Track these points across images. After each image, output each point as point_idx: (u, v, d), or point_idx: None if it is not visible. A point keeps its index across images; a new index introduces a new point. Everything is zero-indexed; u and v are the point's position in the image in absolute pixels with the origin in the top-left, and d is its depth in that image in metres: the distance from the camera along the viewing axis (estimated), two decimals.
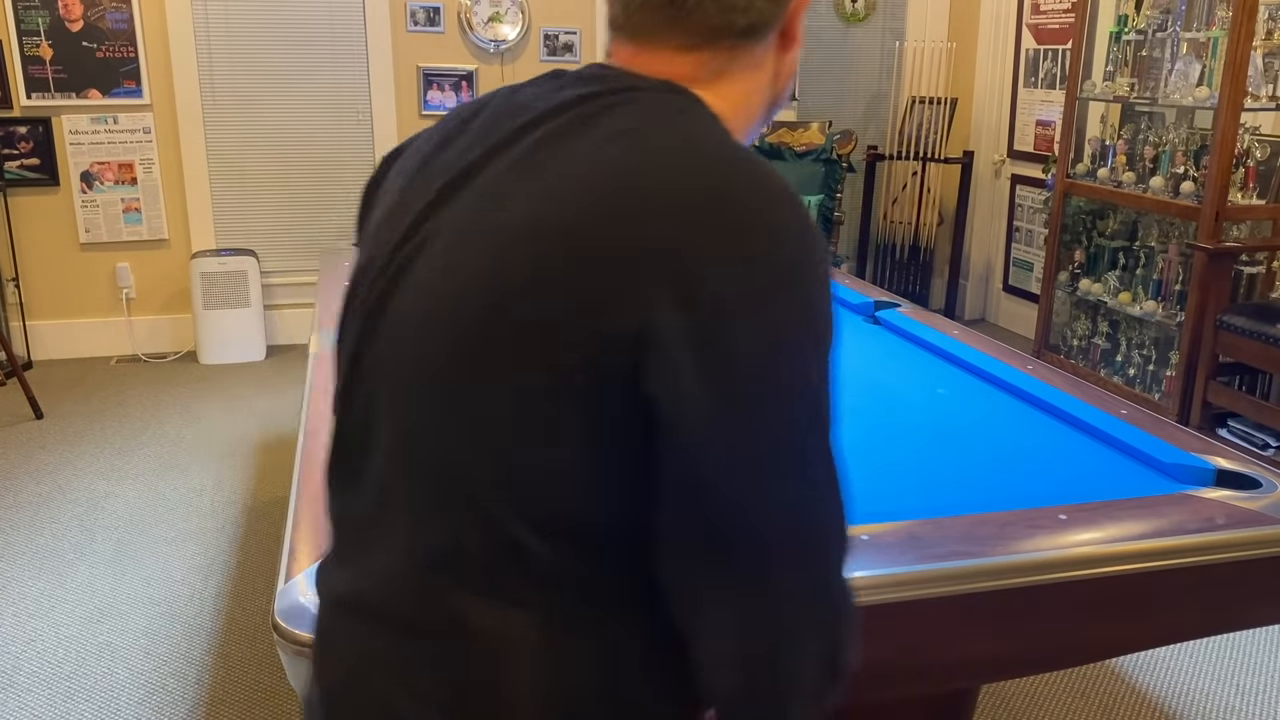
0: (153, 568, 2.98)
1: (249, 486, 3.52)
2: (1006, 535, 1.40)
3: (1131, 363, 4.17)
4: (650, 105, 0.81)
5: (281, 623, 1.20)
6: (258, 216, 5.01)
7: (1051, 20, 4.85)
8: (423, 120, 5.01)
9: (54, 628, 2.68)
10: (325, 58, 4.90)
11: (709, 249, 0.72)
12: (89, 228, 4.81)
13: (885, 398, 2.09)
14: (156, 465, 3.69)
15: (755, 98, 0.89)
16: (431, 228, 0.83)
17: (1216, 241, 3.57)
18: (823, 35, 5.46)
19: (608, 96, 0.81)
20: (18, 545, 3.11)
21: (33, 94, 4.60)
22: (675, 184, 0.74)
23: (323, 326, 2.49)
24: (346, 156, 5.03)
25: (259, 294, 4.88)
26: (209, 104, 4.82)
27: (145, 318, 4.99)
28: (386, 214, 0.90)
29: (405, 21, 4.91)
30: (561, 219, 0.75)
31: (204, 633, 2.66)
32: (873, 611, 1.33)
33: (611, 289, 0.72)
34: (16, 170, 4.65)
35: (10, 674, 2.48)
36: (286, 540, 1.41)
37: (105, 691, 2.42)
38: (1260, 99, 3.63)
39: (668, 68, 0.84)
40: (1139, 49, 4.04)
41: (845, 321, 2.70)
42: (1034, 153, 5.02)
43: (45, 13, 4.53)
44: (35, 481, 3.55)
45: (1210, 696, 2.42)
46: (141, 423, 4.10)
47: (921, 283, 5.42)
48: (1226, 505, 1.50)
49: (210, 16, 4.73)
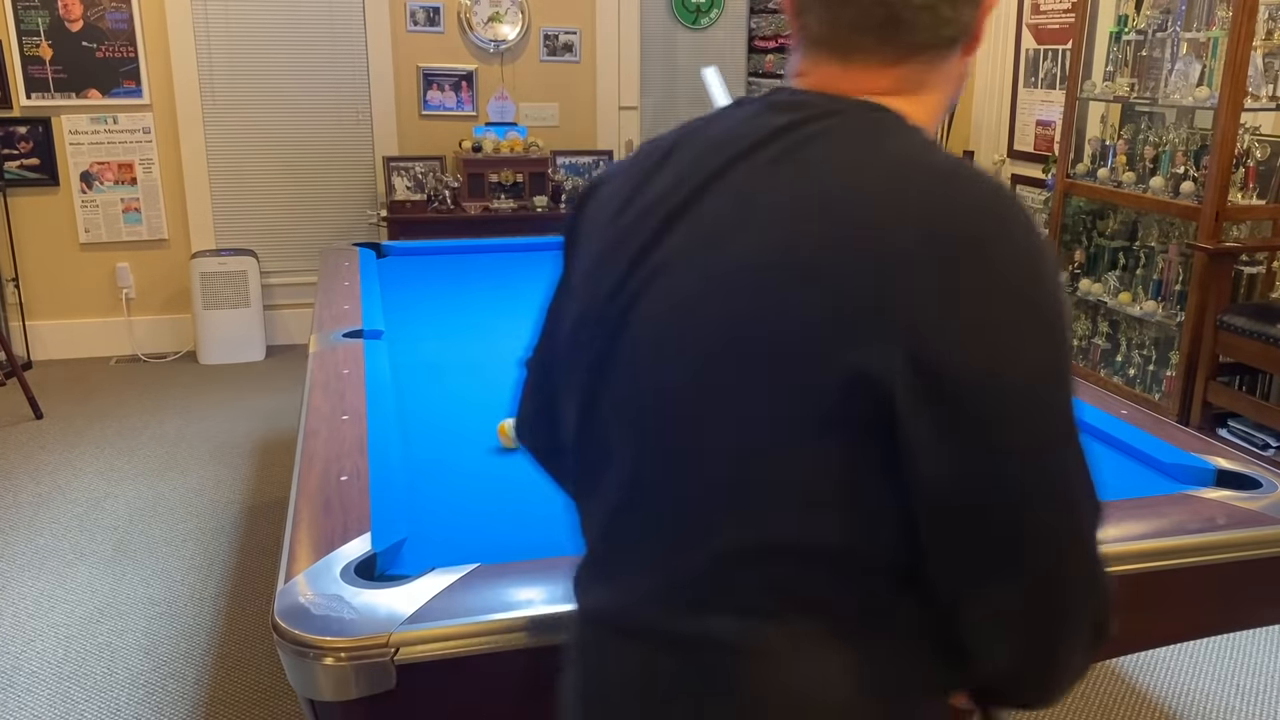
0: (152, 568, 2.98)
1: (249, 486, 3.52)
2: None
3: (1131, 363, 4.16)
4: (859, 127, 0.81)
5: (281, 623, 1.20)
6: (258, 216, 5.01)
7: (1051, 20, 4.85)
8: (423, 120, 5.01)
9: (54, 628, 2.68)
10: (325, 58, 4.90)
11: (954, 271, 0.73)
12: (89, 228, 4.81)
13: None
14: (156, 465, 3.69)
15: (944, 104, 0.90)
16: (656, 263, 0.85)
17: (1216, 241, 3.57)
18: None
19: (814, 123, 0.82)
20: (17, 545, 3.11)
21: (32, 94, 4.60)
22: (905, 208, 0.75)
23: (322, 327, 2.49)
24: (346, 156, 5.03)
25: (259, 294, 4.88)
26: (209, 104, 4.82)
27: (145, 318, 4.99)
28: (597, 258, 0.92)
29: (405, 21, 4.91)
30: (793, 248, 0.76)
31: (204, 633, 2.66)
32: None
33: (853, 317, 0.73)
34: (16, 170, 4.65)
35: (10, 674, 2.48)
36: (286, 540, 1.41)
37: (105, 691, 2.42)
38: (1260, 99, 3.62)
39: (872, 83, 0.85)
40: (1139, 49, 4.04)
41: None
42: (1034, 153, 5.02)
43: (45, 13, 4.53)
44: (35, 481, 3.55)
45: (1210, 696, 2.42)
46: (141, 423, 4.10)
47: None
48: (1227, 505, 1.50)
49: (210, 16, 4.72)
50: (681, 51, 5.34)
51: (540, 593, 1.25)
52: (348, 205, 5.07)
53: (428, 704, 1.21)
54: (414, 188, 4.92)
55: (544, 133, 5.07)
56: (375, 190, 5.06)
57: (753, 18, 5.34)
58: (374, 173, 5.05)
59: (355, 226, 5.02)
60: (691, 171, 0.86)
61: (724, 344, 0.78)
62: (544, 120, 5.15)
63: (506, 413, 1.89)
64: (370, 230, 4.91)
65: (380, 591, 1.25)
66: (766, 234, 0.78)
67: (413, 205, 4.84)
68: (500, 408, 1.99)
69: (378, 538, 1.39)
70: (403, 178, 4.92)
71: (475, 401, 2.07)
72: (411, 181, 4.92)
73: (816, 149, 0.80)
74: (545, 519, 1.57)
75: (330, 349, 2.29)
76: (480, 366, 2.32)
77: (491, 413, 1.94)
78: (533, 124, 5.08)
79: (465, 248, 3.72)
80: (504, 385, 2.19)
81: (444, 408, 2.05)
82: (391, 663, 1.16)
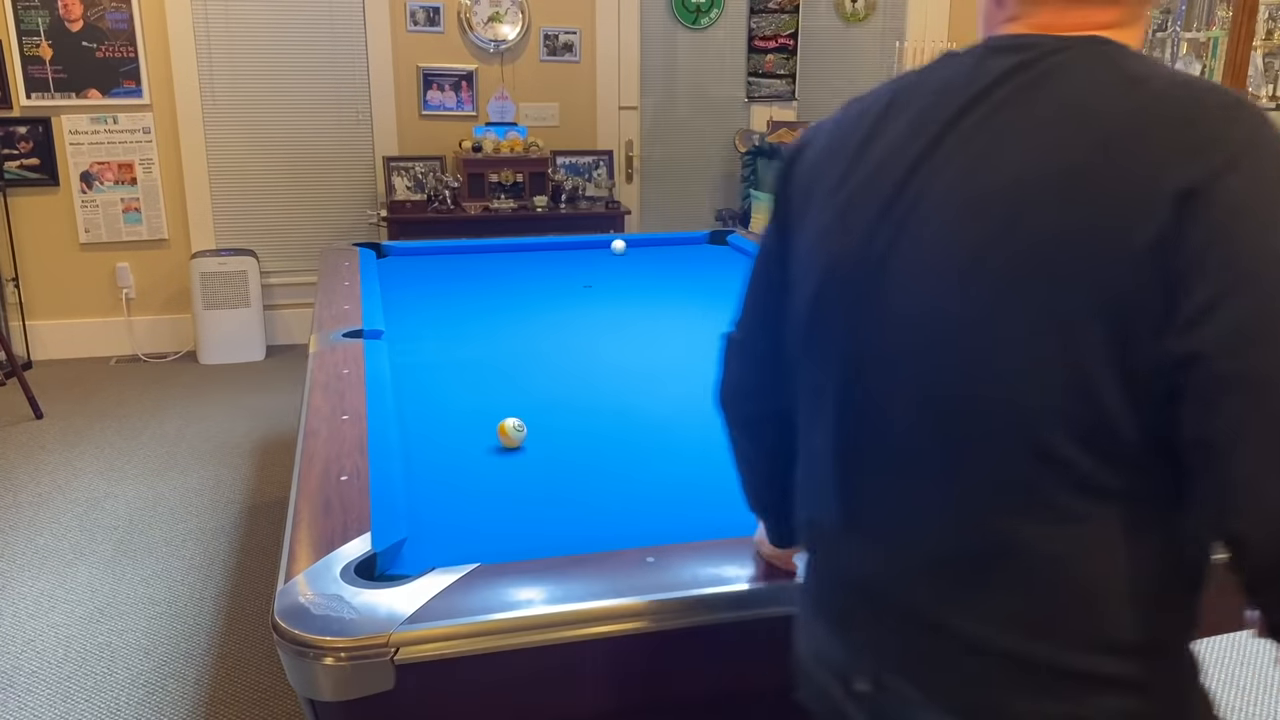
0: (152, 568, 2.98)
1: (249, 486, 3.52)
2: None
3: None
4: (1094, 57, 0.85)
5: (281, 623, 1.20)
6: (258, 216, 5.01)
7: None
8: (423, 120, 5.01)
9: (54, 628, 2.68)
10: (325, 58, 4.90)
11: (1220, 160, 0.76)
12: (89, 228, 4.81)
13: None
14: (156, 465, 3.69)
15: (1145, 34, 0.94)
16: (906, 209, 0.88)
17: None
18: (823, 35, 5.46)
19: (1047, 59, 0.86)
20: (18, 545, 3.11)
21: (32, 94, 4.60)
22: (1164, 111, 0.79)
23: (322, 327, 2.49)
24: (346, 156, 5.03)
25: (259, 294, 4.88)
26: (209, 104, 4.82)
27: (145, 318, 4.99)
28: (835, 217, 0.95)
29: (405, 21, 4.91)
30: (1061, 156, 0.80)
31: (204, 633, 2.66)
32: None
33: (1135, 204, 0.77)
34: (16, 170, 4.65)
35: (10, 674, 2.48)
36: (286, 540, 1.41)
37: (105, 691, 2.42)
38: (1260, 99, 3.62)
39: (1097, 18, 0.89)
40: None
41: None
42: None
43: (45, 13, 4.53)
44: (35, 481, 3.55)
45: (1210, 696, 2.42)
46: (141, 423, 4.10)
47: None
48: None
49: (210, 16, 4.73)
50: (681, 51, 5.34)
51: (540, 593, 1.25)
52: (348, 205, 5.08)
53: (428, 704, 1.21)
54: (414, 188, 4.92)
55: (544, 133, 5.07)
56: (375, 190, 5.06)
57: (753, 18, 5.35)
58: (374, 173, 5.05)
59: (355, 226, 5.02)
60: (927, 119, 0.90)
61: (1007, 256, 0.81)
62: (544, 120, 5.15)
63: (506, 412, 1.89)
64: (370, 230, 4.91)
65: (380, 591, 1.25)
66: (1027, 153, 0.82)
67: (413, 205, 4.84)
68: (500, 408, 1.99)
69: (378, 538, 1.39)
70: (403, 178, 4.92)
71: (475, 401, 2.07)
72: (411, 181, 4.92)
73: (1058, 78, 0.84)
74: (545, 519, 1.57)
75: (330, 349, 2.29)
76: (480, 366, 2.32)
77: (491, 412, 1.94)
78: (533, 124, 5.08)
79: (465, 248, 3.72)
80: (504, 385, 2.20)
81: (444, 408, 2.05)
82: (391, 663, 1.16)
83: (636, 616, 1.24)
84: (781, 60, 5.42)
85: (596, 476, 1.72)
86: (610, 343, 2.52)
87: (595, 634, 1.23)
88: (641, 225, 5.37)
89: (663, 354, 2.43)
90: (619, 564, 1.33)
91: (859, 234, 0.92)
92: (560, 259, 3.52)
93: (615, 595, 1.25)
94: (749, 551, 1.36)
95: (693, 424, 1.96)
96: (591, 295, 3.00)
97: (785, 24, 5.37)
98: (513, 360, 2.38)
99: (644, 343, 2.52)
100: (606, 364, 2.35)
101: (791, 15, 5.36)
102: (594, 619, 1.24)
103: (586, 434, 1.91)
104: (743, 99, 5.46)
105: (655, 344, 2.51)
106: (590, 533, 1.50)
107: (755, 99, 5.45)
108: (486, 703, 1.24)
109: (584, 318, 2.75)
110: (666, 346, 2.50)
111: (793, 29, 5.38)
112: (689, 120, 5.45)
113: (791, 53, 5.41)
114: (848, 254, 0.93)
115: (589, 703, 1.28)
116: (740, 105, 5.47)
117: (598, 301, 2.93)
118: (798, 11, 5.36)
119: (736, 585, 1.29)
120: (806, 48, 5.44)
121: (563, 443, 1.86)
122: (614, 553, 1.36)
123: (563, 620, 1.22)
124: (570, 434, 1.90)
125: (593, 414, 2.02)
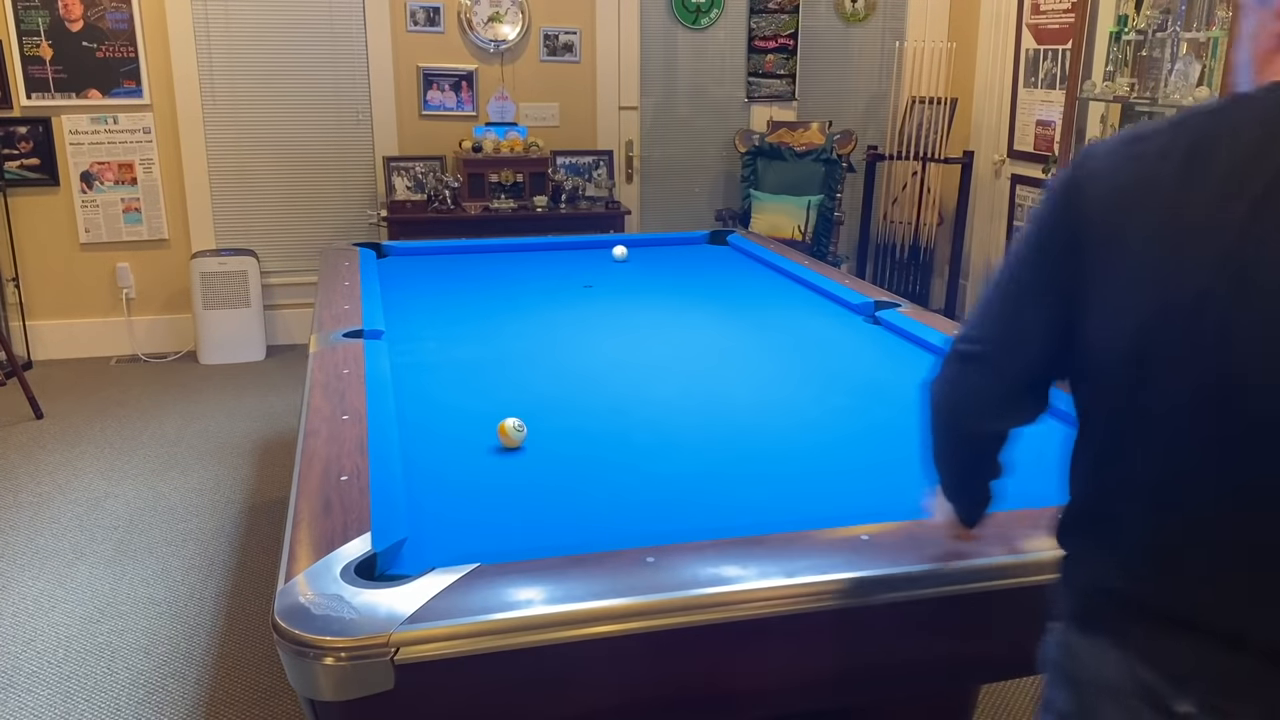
0: (152, 568, 2.98)
1: (249, 486, 3.52)
2: (1007, 535, 1.40)
3: None
4: None
5: (281, 622, 1.20)
6: (258, 216, 5.01)
7: (1051, 20, 4.85)
8: (423, 120, 5.01)
9: (54, 628, 2.68)
10: (325, 58, 4.90)
11: None
12: (89, 228, 4.81)
13: (885, 397, 2.10)
14: (156, 465, 3.69)
15: None
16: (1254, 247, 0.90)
17: None
18: (823, 35, 5.46)
19: None
20: (18, 545, 3.11)
21: (33, 94, 4.60)
22: None
23: (323, 327, 2.49)
24: (346, 156, 5.03)
25: (259, 294, 4.89)
26: (209, 104, 4.82)
27: (145, 318, 4.99)
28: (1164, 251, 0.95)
29: (405, 21, 4.91)
30: None
31: (204, 633, 2.66)
32: (871, 611, 1.33)
33: None
34: (16, 170, 4.65)
35: (10, 674, 2.48)
36: (286, 540, 1.41)
37: (105, 691, 2.42)
38: None
39: None
40: (1139, 49, 4.04)
41: (845, 321, 2.70)
42: (1034, 153, 5.02)
43: (45, 13, 4.53)
44: (35, 481, 3.55)
45: None
46: (141, 423, 4.10)
47: (921, 283, 5.42)
48: None
49: (210, 16, 4.73)
50: (681, 51, 5.34)
51: (540, 593, 1.25)
52: (348, 205, 5.08)
53: (428, 704, 1.21)
54: (414, 188, 4.92)
55: (544, 133, 5.07)
56: (375, 190, 5.06)
57: (753, 18, 5.35)
58: (374, 173, 5.05)
59: (355, 226, 5.02)
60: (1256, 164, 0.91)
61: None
62: (544, 120, 5.15)
63: (506, 412, 1.89)
64: (370, 230, 4.91)
65: (380, 591, 1.25)
66: None
67: (413, 205, 4.84)
68: (500, 408, 1.99)
69: (378, 538, 1.39)
70: (403, 178, 4.92)
71: (475, 402, 2.07)
72: (411, 181, 4.92)
73: None
74: (545, 519, 1.57)
75: (330, 349, 2.29)
76: (480, 366, 2.32)
77: (491, 413, 1.94)
78: (533, 124, 5.08)
79: (465, 248, 3.72)
80: (504, 385, 2.20)
81: (444, 408, 2.05)
82: (391, 663, 1.16)
83: (636, 616, 1.24)
84: (781, 60, 5.42)
85: (596, 477, 1.72)
86: (610, 343, 2.52)
87: (595, 634, 1.23)
88: (641, 225, 5.37)
89: (663, 354, 2.43)
90: (619, 564, 1.33)
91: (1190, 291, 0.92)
92: (560, 259, 3.52)
93: (615, 595, 1.25)
94: (749, 551, 1.36)
95: (693, 424, 1.96)
96: (592, 295, 3.00)
97: (785, 24, 5.38)
98: (513, 360, 2.38)
99: (644, 343, 2.52)
100: (606, 364, 2.35)
101: (791, 15, 5.36)
102: (594, 619, 1.24)
103: (586, 434, 1.91)
104: (743, 99, 5.46)
105: (655, 344, 2.51)
106: (590, 533, 1.50)
107: (755, 99, 5.45)
108: (486, 702, 1.24)
109: (584, 318, 2.75)
110: (667, 346, 2.50)
111: (793, 29, 5.38)
112: (689, 120, 5.45)
113: (791, 53, 5.41)
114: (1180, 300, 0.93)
115: (589, 703, 1.28)
116: (740, 105, 5.47)
117: (598, 301, 2.93)
118: (798, 12, 5.36)
119: (737, 585, 1.29)
120: (806, 48, 5.44)
121: (563, 443, 1.86)
122: (614, 553, 1.36)
123: (563, 620, 1.22)
124: (570, 434, 1.90)
125: (593, 414, 2.02)
